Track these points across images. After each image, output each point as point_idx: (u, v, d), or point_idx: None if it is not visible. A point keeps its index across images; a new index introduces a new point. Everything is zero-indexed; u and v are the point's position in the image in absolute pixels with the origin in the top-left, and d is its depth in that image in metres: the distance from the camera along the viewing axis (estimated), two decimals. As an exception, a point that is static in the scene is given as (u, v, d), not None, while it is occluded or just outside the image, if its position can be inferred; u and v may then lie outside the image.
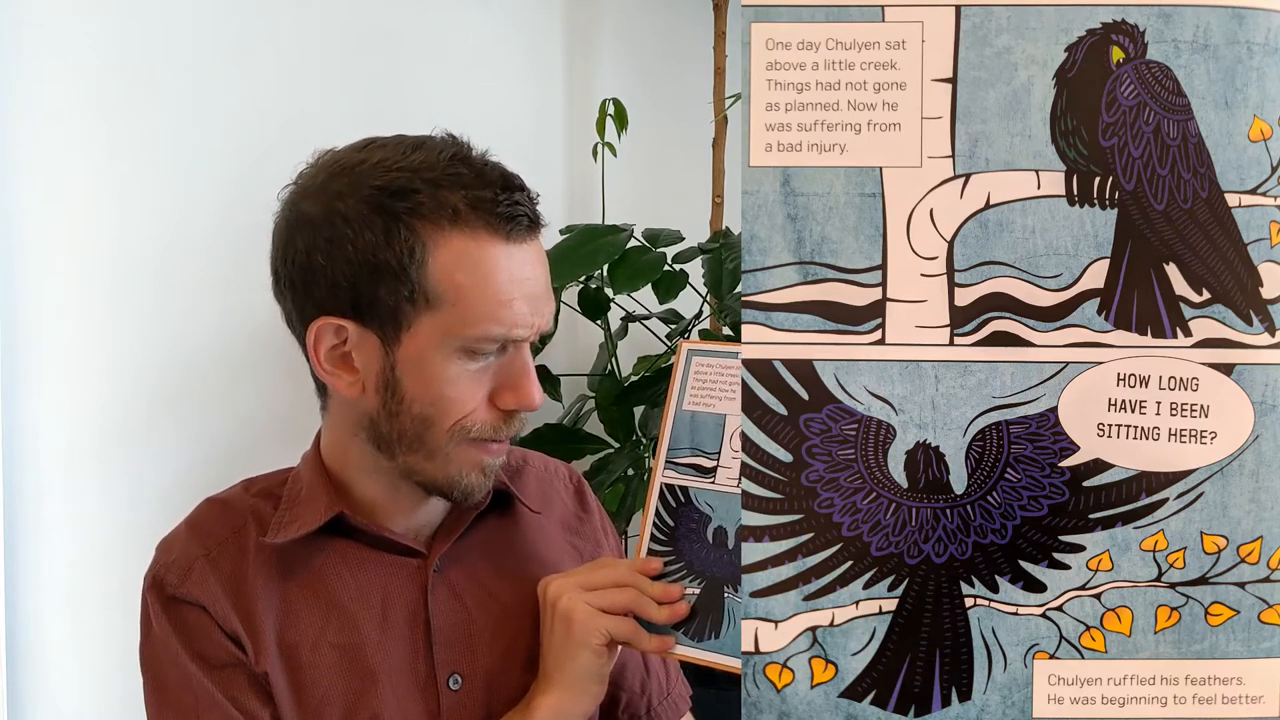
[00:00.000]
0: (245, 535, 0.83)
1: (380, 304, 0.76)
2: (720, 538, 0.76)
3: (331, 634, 0.81)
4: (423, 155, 0.78)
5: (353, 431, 0.82)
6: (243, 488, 0.87)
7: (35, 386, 1.28)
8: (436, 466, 0.80)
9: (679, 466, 0.80)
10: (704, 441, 0.79)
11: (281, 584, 0.81)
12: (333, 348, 0.79)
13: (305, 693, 0.79)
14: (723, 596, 0.76)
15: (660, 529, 0.79)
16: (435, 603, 0.83)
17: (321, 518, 0.81)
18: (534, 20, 1.68)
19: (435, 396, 0.77)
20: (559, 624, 0.77)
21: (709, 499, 0.78)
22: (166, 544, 0.84)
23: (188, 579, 0.81)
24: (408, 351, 0.77)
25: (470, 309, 0.76)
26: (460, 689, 0.82)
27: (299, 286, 0.79)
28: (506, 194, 0.77)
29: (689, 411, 0.80)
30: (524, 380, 0.79)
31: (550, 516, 0.92)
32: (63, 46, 1.27)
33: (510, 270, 0.77)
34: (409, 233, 0.75)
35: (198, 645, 0.80)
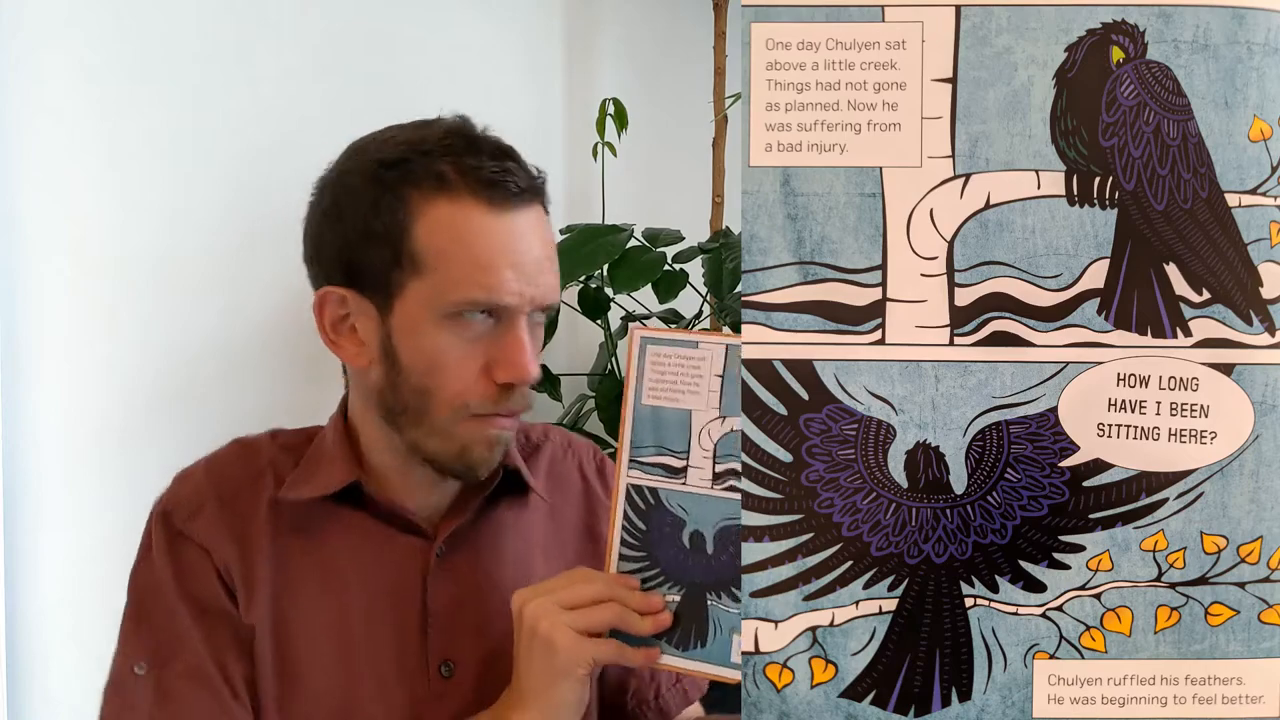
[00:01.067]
0: (261, 485, 0.83)
1: (372, 271, 0.78)
2: (698, 542, 0.74)
3: (325, 607, 0.80)
4: (425, 131, 0.80)
5: (367, 405, 0.83)
6: (270, 437, 0.88)
7: (35, 385, 1.28)
8: (440, 443, 0.80)
9: (645, 466, 0.75)
10: (669, 439, 0.74)
11: (286, 545, 0.81)
12: (339, 319, 0.80)
13: (287, 660, 0.79)
14: (705, 603, 0.73)
15: (631, 533, 0.76)
16: (434, 586, 0.82)
17: (339, 481, 0.81)
18: (534, 20, 1.68)
19: (429, 365, 0.78)
20: (539, 649, 0.73)
21: (681, 501, 0.74)
22: (182, 477, 0.85)
23: (196, 518, 0.81)
24: (400, 319, 0.78)
25: (451, 273, 0.76)
26: (451, 676, 0.81)
27: (312, 259, 0.82)
28: (496, 161, 0.77)
29: (649, 406, 0.75)
30: (517, 352, 0.78)
31: (564, 500, 0.91)
32: (63, 46, 1.27)
33: (495, 236, 0.77)
34: (396, 200, 0.77)
35: (190, 585, 0.79)
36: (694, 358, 0.74)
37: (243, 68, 1.39)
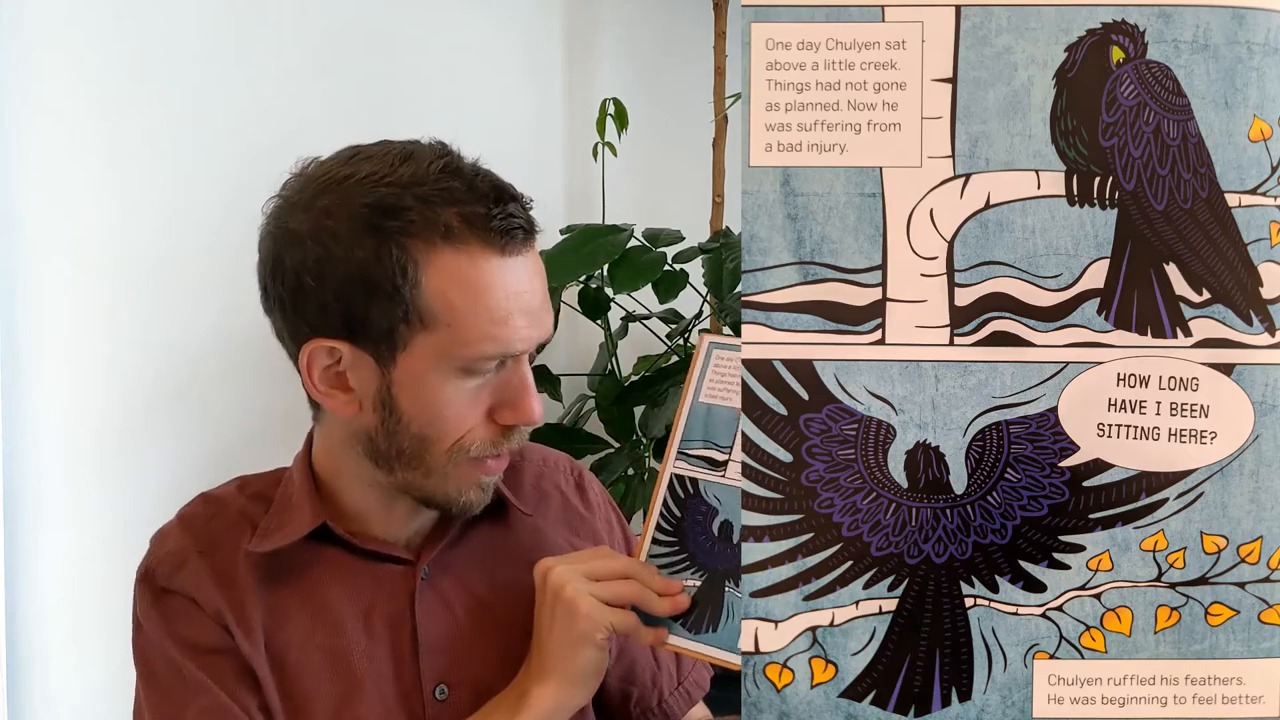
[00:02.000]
0: (238, 533, 0.82)
1: (374, 325, 0.75)
2: (726, 531, 0.76)
3: (319, 637, 0.80)
4: (412, 168, 0.75)
5: (348, 444, 0.81)
6: (237, 487, 0.87)
7: (35, 385, 1.28)
8: (434, 484, 0.79)
9: (690, 458, 0.79)
10: (717, 435, 0.78)
11: (271, 587, 0.81)
12: (326, 368, 0.78)
13: (291, 695, 0.79)
14: (723, 590, 0.76)
15: (667, 519, 0.79)
16: (423, 611, 0.82)
17: (305, 528, 0.81)
18: (534, 20, 1.68)
19: (433, 416, 0.77)
20: (561, 614, 0.75)
21: (717, 492, 0.78)
22: (160, 537, 0.84)
23: (179, 573, 0.81)
24: (404, 372, 0.76)
25: (466, 329, 0.74)
26: (447, 699, 0.81)
27: (289, 306, 0.78)
28: (500, 206, 0.75)
29: (705, 404, 0.79)
30: (524, 396, 0.78)
31: (546, 516, 0.91)
32: (63, 46, 1.27)
33: (506, 286, 0.75)
34: (400, 251, 0.74)
35: (185, 631, 0.79)
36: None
37: (243, 68, 1.39)
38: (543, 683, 0.76)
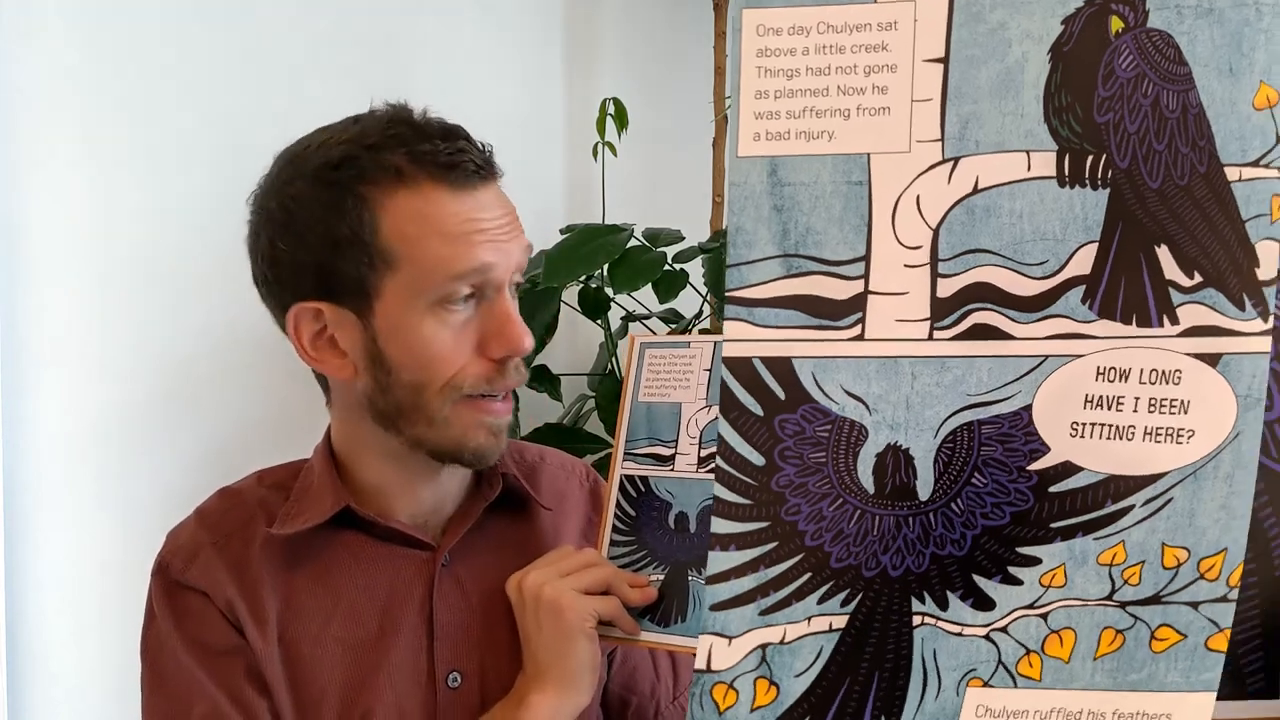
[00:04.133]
0: (253, 527, 0.82)
1: (345, 278, 0.76)
2: (682, 523, 0.77)
3: (335, 628, 0.80)
4: (361, 125, 0.78)
5: (358, 415, 0.81)
6: (255, 479, 0.87)
7: (35, 385, 1.28)
8: (439, 433, 0.79)
9: (637, 457, 0.80)
10: (660, 430, 0.80)
11: (287, 576, 0.81)
12: (316, 334, 0.79)
13: (302, 687, 0.79)
14: (687, 580, 0.76)
15: (622, 519, 0.79)
16: (440, 598, 0.82)
17: (329, 511, 0.81)
18: (534, 20, 1.67)
19: (421, 359, 0.76)
20: (547, 614, 0.75)
21: (669, 486, 0.78)
22: (175, 532, 0.84)
23: (192, 565, 0.81)
24: (383, 321, 0.76)
25: (424, 258, 0.75)
26: (459, 687, 0.80)
27: (271, 280, 0.79)
28: (448, 143, 0.76)
29: (645, 403, 0.80)
30: (508, 324, 0.78)
31: (564, 515, 0.91)
32: (63, 46, 1.27)
33: (460, 213, 0.75)
34: (355, 200, 0.75)
35: (196, 631, 0.79)
36: (685, 356, 0.81)
37: (242, 68, 1.39)
38: (540, 688, 0.76)
